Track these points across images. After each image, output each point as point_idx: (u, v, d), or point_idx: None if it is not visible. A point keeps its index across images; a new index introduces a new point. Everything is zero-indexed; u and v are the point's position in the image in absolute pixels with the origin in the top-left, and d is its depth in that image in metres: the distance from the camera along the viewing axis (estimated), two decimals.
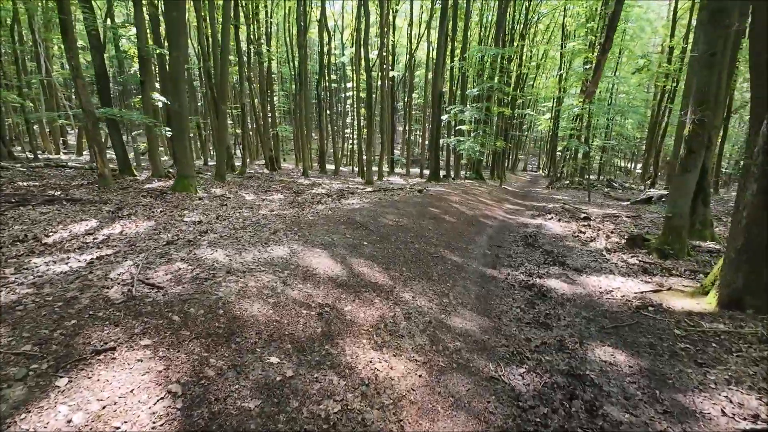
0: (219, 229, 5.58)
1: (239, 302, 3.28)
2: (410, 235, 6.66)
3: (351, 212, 7.43)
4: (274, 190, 11.82)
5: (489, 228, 9.11)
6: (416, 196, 10.94)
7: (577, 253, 7.42)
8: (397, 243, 6.02)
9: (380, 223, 6.95)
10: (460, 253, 6.56)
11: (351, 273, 4.48)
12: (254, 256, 4.34)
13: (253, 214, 7.43)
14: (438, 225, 7.93)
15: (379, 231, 6.40)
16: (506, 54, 18.23)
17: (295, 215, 6.94)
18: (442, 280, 5.09)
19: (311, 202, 9.21)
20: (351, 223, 6.49)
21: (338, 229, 5.99)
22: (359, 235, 5.91)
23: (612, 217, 11.18)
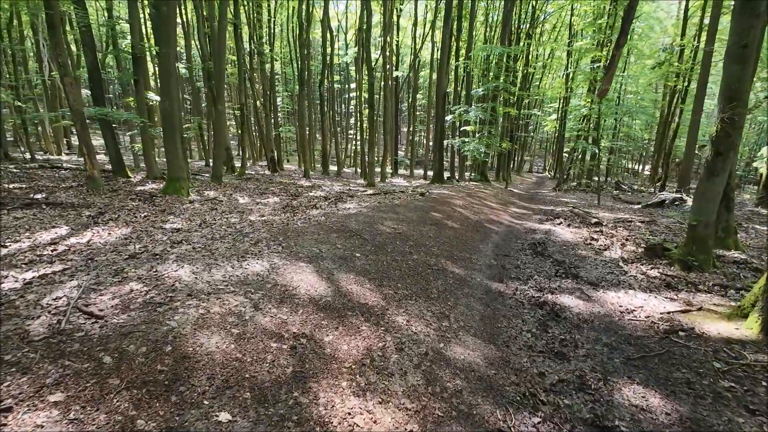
0: (195, 239, 5.01)
1: (194, 335, 2.69)
2: (409, 244, 6.04)
3: (346, 218, 6.83)
4: (271, 193, 11.26)
5: (495, 234, 8.46)
6: (418, 199, 10.32)
7: (591, 263, 6.75)
8: (393, 254, 5.41)
9: (377, 230, 6.34)
10: (464, 264, 5.93)
11: (337, 292, 3.88)
12: (226, 272, 3.75)
13: (240, 220, 6.85)
14: (440, 232, 7.31)
15: (374, 240, 5.79)
16: (512, 53, 17.54)
17: (285, 222, 6.35)
18: (442, 297, 4.47)
19: (306, 206, 8.63)
20: (344, 231, 5.89)
21: (329, 239, 5.38)
22: (352, 245, 5.31)
23: (625, 222, 10.47)
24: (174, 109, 9.10)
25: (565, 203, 15.14)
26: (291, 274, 3.98)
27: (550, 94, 36.65)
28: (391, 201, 9.69)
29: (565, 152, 30.41)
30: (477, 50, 17.92)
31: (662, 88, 32.64)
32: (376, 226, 6.55)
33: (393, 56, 27.24)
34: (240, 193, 10.87)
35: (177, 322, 2.76)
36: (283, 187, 13.09)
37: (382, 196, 10.85)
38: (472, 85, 21.17)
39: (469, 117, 18.66)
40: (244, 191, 11.36)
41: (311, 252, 4.71)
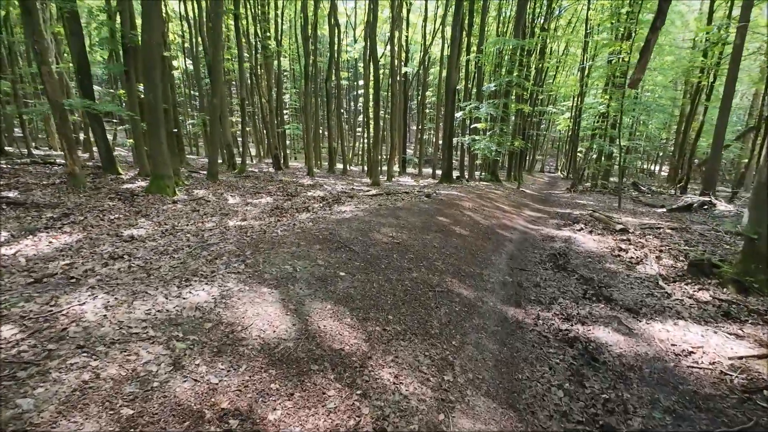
0: (141, 253, 4.04)
1: (54, 426, 1.69)
2: (408, 257, 4.98)
3: (337, 224, 5.80)
4: (266, 193, 10.30)
5: (508, 243, 7.35)
6: (423, 201, 9.24)
7: (624, 281, 5.61)
8: (388, 271, 4.36)
9: (371, 240, 5.30)
10: (473, 282, 4.85)
11: (304, 332, 2.85)
12: (153, 306, 2.76)
13: (217, 225, 5.88)
14: (446, 241, 6.23)
15: (366, 253, 4.75)
16: (527, 46, 16.27)
17: (263, 229, 5.36)
18: (445, 333, 3.41)
19: (298, 208, 7.64)
20: (331, 242, 4.86)
21: (310, 252, 4.36)
22: (337, 261, 4.27)
23: (653, 229, 9.24)
24: (158, 102, 8.18)
25: (582, 206, 13.89)
26: (245, 305, 2.97)
27: (563, 92, 35.07)
28: (394, 203, 8.63)
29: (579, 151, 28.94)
30: (489, 43, 16.70)
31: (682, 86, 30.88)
32: (371, 235, 5.51)
33: (402, 52, 26.08)
34: (233, 193, 9.93)
35: (34, 402, 1.77)
36: (281, 186, 12.13)
37: (384, 197, 9.80)
38: (483, 81, 19.95)
39: (479, 114, 17.46)
40: (238, 190, 10.43)
41: (282, 271, 3.69)
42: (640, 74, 7.51)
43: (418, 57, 31.75)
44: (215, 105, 11.42)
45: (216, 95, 11.43)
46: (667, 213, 12.87)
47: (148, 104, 8.17)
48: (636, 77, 7.53)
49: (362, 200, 9.18)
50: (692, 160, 21.67)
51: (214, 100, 11.40)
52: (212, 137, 11.63)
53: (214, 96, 11.42)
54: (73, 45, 10.20)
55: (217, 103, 11.41)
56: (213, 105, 11.46)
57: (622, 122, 25.03)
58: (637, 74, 7.53)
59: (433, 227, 6.83)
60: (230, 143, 15.27)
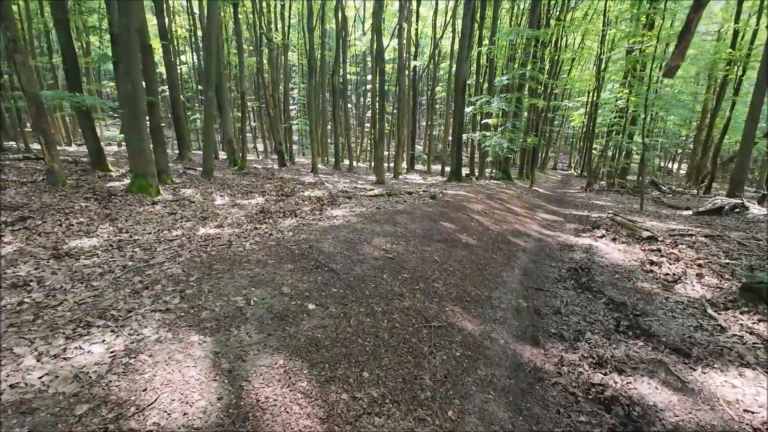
0: (54, 279, 3.19)
1: None
2: (402, 277, 4.05)
3: (322, 234, 4.89)
4: (259, 192, 9.44)
5: (522, 253, 6.34)
6: (427, 204, 8.26)
7: (663, 306, 4.59)
8: (373, 300, 3.44)
9: (359, 254, 4.37)
10: (480, 310, 3.90)
11: (233, 410, 1.94)
12: (7, 376, 1.88)
13: (184, 233, 5.03)
14: (449, 253, 5.27)
15: (350, 273, 3.83)
16: (541, 37, 15.03)
17: (230, 241, 4.48)
18: (439, 397, 2.48)
19: (285, 212, 6.75)
20: (307, 259, 3.96)
21: (276, 275, 3.46)
22: (309, 287, 3.37)
23: (684, 237, 8.11)
24: (137, 92, 7.35)
25: (600, 207, 12.72)
26: (156, 367, 2.08)
27: (578, 87, 33.42)
28: (394, 206, 7.68)
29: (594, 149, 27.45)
30: (502, 34, 15.50)
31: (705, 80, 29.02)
32: (359, 248, 4.58)
33: (411, 45, 24.94)
34: (224, 192, 9.11)
35: None
36: (279, 185, 11.28)
37: (385, 198, 8.85)
38: (495, 74, 18.74)
39: (491, 109, 16.33)
40: (231, 189, 9.60)
41: (228, 307, 2.79)
42: (678, 60, 6.38)
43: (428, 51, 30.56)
44: (209, 98, 10.58)
45: (210, 88, 10.59)
46: (695, 217, 11.62)
47: (125, 96, 7.35)
48: (674, 64, 6.40)
49: (360, 202, 8.25)
50: (717, 158, 20.11)
51: (209, 93, 10.56)
52: (206, 132, 10.82)
53: (208, 89, 10.58)
54: (59, 34, 9.47)
55: (212, 96, 10.58)
56: (207, 98, 10.63)
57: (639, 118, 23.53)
58: (674, 61, 6.40)
59: (435, 236, 5.87)
60: (231, 139, 14.48)
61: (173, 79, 15.98)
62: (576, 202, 14.11)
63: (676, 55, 6.42)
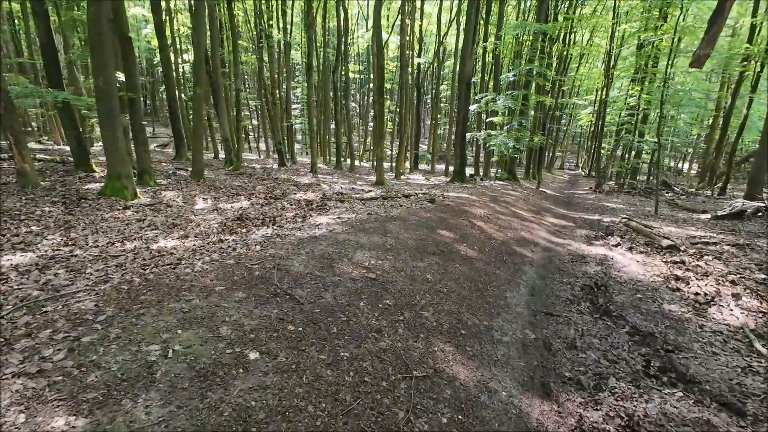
0: None
1: None
2: (383, 305, 3.30)
3: (295, 248, 4.16)
4: (247, 195, 8.73)
5: (528, 267, 5.54)
6: (425, 208, 7.48)
7: (699, 338, 3.78)
8: (340, 340, 2.68)
9: (334, 275, 3.63)
10: (477, 348, 3.13)
11: None
12: None
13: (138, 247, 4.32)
14: (445, 269, 4.49)
15: (316, 302, 3.08)
16: (549, 31, 14.10)
17: (178, 260, 3.75)
18: None
19: (265, 218, 6.02)
20: (267, 283, 3.22)
21: (216, 310, 2.72)
22: (256, 325, 2.62)
23: (708, 246, 7.24)
24: (110, 88, 6.68)
25: (611, 210, 11.82)
26: None
27: (586, 85, 32.26)
28: (388, 211, 6.92)
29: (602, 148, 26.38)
30: (509, 28, 14.62)
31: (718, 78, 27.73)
32: (337, 266, 3.83)
33: (415, 42, 24.08)
34: (209, 195, 8.42)
35: None
36: (272, 186, 10.58)
37: (379, 201, 8.08)
38: (501, 71, 17.84)
39: (496, 107, 15.43)
40: (218, 191, 8.91)
41: (134, 361, 2.07)
42: (708, 48, 5.52)
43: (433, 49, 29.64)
44: (198, 96, 9.90)
45: (199, 85, 9.91)
46: (714, 221, 10.68)
47: (98, 91, 6.67)
48: (703, 53, 5.54)
49: (352, 206, 7.50)
50: (732, 158, 18.99)
51: (198, 90, 9.88)
52: (196, 131, 10.15)
53: (197, 86, 9.91)
54: (39, 28, 8.85)
55: (201, 94, 9.89)
56: (196, 96, 9.95)
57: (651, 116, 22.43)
58: (704, 49, 5.54)
59: (430, 247, 5.10)
60: (228, 138, 13.81)
61: (170, 77, 15.38)
62: (586, 204, 13.21)
63: (705, 42, 5.56)
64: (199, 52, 9.92)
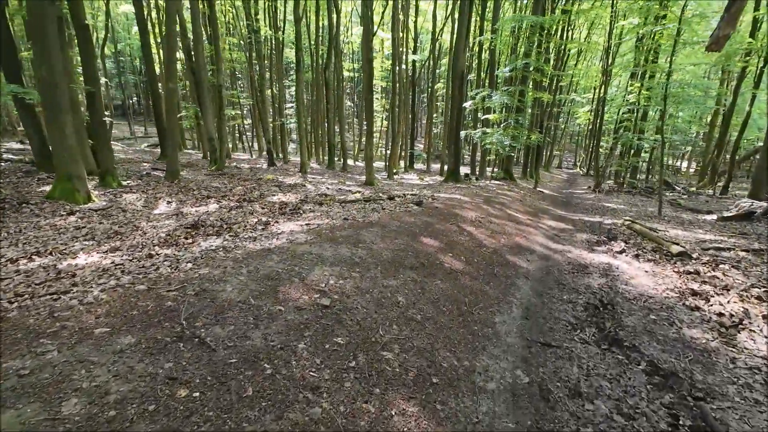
0: None
1: None
2: (331, 347, 2.50)
3: (234, 266, 3.36)
4: (220, 197, 7.93)
5: (523, 280, 4.74)
6: (410, 211, 6.68)
7: (732, 377, 2.98)
8: (248, 412, 1.89)
9: (274, 304, 2.82)
10: (451, 402, 2.32)
11: None
12: None
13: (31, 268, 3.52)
14: (422, 289, 3.69)
15: (235, 348, 2.28)
16: (547, 24, 13.26)
17: (72, 286, 2.96)
18: None
19: (223, 225, 5.21)
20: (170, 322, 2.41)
21: (78, 369, 1.92)
22: (128, 391, 1.83)
23: (722, 252, 6.44)
24: (55, 79, 5.87)
25: (612, 211, 11.02)
26: None
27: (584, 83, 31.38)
28: (367, 216, 6.11)
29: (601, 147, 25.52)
30: (505, 20, 13.79)
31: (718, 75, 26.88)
32: (283, 289, 3.03)
33: (410, 39, 23.23)
34: (176, 197, 7.61)
35: None
36: (252, 187, 9.79)
37: (361, 204, 7.26)
38: (497, 67, 17.01)
39: (492, 104, 14.62)
40: (189, 194, 8.10)
41: None
42: (728, 29, 4.72)
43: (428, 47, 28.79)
44: (171, 90, 9.09)
45: (171, 80, 9.10)
46: (722, 223, 9.88)
47: (42, 83, 5.87)
48: (722, 34, 4.73)
49: (329, 210, 6.69)
50: (735, 156, 18.16)
51: (170, 84, 9.07)
52: (170, 128, 9.34)
53: (169, 81, 9.09)
54: None
55: (174, 88, 9.08)
56: (168, 90, 9.14)
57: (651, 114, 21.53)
58: (723, 29, 4.74)
59: (408, 259, 4.30)
60: (213, 137, 12.99)
61: (152, 74, 14.57)
62: (585, 204, 12.39)
63: (725, 22, 4.74)
64: (170, 44, 9.11)
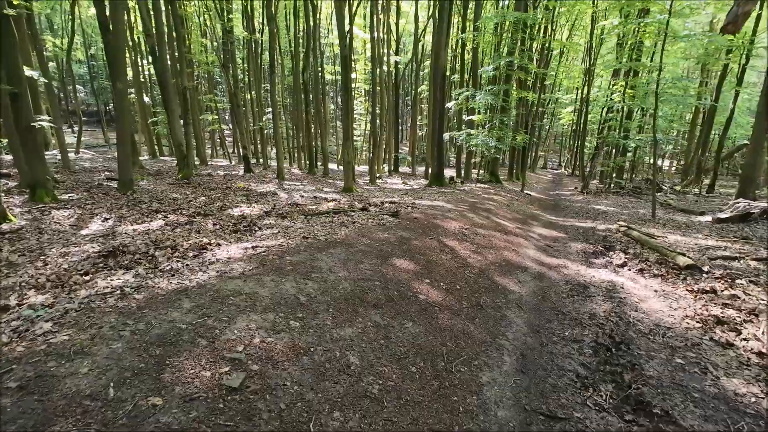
0: None
1: None
2: None
3: (121, 319, 2.37)
4: (171, 211, 6.86)
5: (515, 311, 3.83)
6: (383, 224, 5.74)
7: None
8: None
9: (155, 391, 1.86)
10: None
11: None
12: None
13: None
14: (387, 337, 2.75)
15: None
16: (530, 20, 12.52)
17: None
18: None
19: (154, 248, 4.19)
20: None
21: None
22: None
23: (730, 262, 5.66)
24: None
25: (603, 214, 10.26)
26: None
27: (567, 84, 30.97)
28: (331, 232, 5.14)
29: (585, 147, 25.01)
30: (487, 17, 13.01)
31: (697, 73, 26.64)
32: (176, 362, 2.05)
33: (392, 41, 22.38)
34: (118, 212, 6.52)
35: None
36: (216, 197, 8.75)
37: (329, 217, 6.28)
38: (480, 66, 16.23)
39: (475, 104, 13.83)
40: (135, 208, 7.01)
41: None
42: (751, 4, 3.92)
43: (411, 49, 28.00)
44: (120, 91, 7.99)
45: (120, 80, 8.00)
46: (718, 225, 9.20)
47: None
48: (742, 11, 3.93)
49: (292, 224, 5.70)
50: (720, 153, 17.74)
51: (118, 85, 7.97)
52: (120, 133, 8.22)
53: (117, 80, 7.99)
54: None
55: (123, 89, 7.99)
56: (118, 92, 8.03)
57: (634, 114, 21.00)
58: (743, 6, 3.93)
59: (374, 292, 3.35)
60: (181, 142, 11.85)
61: None
62: (574, 207, 11.63)
63: None
64: (117, 40, 8.03)
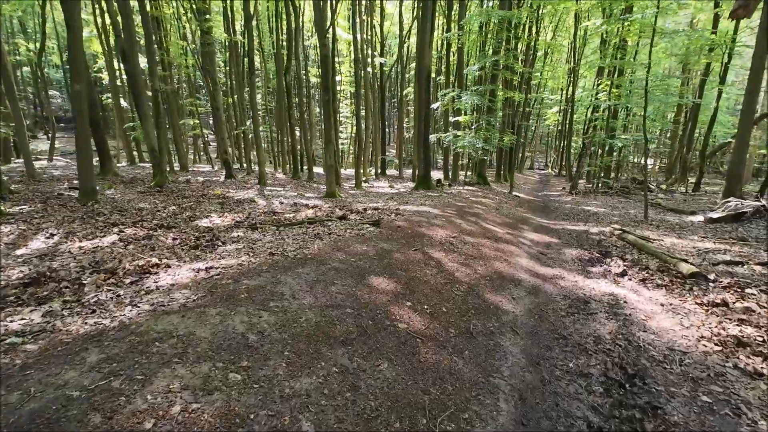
0: None
1: None
2: None
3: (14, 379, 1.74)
4: (131, 224, 6.18)
5: (510, 338, 3.28)
6: (363, 235, 5.16)
7: None
8: None
9: None
10: None
11: None
12: None
13: None
14: (355, 387, 2.18)
15: None
16: (515, 18, 12.12)
17: None
18: None
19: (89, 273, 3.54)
20: None
21: None
22: None
23: (734, 267, 5.25)
24: None
25: (594, 216, 9.87)
26: None
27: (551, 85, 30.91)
28: (303, 246, 4.55)
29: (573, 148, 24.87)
30: (472, 15, 12.58)
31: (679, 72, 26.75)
32: None
33: (376, 42, 21.90)
34: (70, 226, 5.82)
35: None
36: (188, 206, 8.06)
37: (303, 228, 5.68)
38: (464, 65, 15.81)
39: (461, 105, 13.37)
40: (90, 221, 6.29)
41: None
42: None
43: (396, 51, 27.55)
44: (77, 92, 7.26)
45: (79, 81, 7.28)
46: (711, 225, 8.87)
47: None
48: None
49: (262, 237, 5.08)
50: (705, 151, 17.65)
51: (75, 86, 7.25)
52: (79, 138, 7.49)
53: (75, 82, 7.26)
54: None
55: (80, 90, 7.26)
56: (75, 92, 7.30)
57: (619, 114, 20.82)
58: None
59: (344, 323, 2.77)
60: (154, 147, 11.09)
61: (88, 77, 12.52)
62: (564, 209, 11.22)
63: None
64: (75, 38, 7.32)
